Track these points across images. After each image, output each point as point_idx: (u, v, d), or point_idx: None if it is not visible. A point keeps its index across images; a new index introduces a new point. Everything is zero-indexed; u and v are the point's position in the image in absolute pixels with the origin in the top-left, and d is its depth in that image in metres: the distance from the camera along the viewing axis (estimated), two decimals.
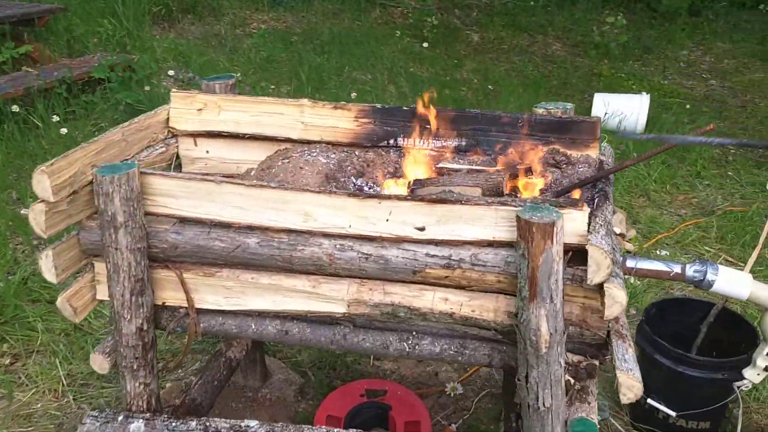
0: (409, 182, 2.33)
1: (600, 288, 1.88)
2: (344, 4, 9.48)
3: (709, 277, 2.11)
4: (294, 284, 2.20)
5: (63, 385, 3.20)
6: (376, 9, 9.63)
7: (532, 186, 2.25)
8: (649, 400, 2.88)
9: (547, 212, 1.87)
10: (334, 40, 8.37)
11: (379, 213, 2.05)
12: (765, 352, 2.22)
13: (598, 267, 1.82)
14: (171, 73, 6.62)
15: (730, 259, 4.31)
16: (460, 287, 2.09)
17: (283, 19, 9.00)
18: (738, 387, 2.41)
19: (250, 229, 2.17)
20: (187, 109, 2.64)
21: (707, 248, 4.46)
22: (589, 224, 1.92)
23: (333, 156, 2.54)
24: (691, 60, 9.45)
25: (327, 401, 2.96)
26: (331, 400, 2.96)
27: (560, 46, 9.36)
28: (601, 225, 1.93)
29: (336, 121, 2.56)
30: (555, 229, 1.83)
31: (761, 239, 2.49)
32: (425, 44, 8.61)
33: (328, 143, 2.59)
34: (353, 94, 6.68)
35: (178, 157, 2.71)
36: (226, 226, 2.18)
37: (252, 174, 2.62)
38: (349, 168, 2.53)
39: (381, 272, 2.11)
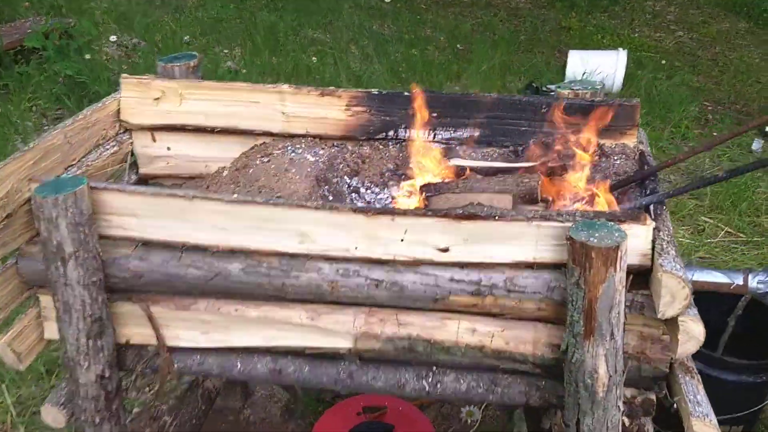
0: (420, 187, 1.95)
1: (670, 319, 1.56)
2: None
3: None
4: (288, 316, 1.82)
5: (12, 415, 2.77)
6: None
7: (569, 188, 1.90)
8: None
9: (606, 231, 1.52)
10: None
11: (393, 232, 1.68)
12: None
13: (672, 298, 1.49)
14: (113, 38, 6.02)
15: (731, 230, 4.08)
16: (490, 315, 1.75)
17: None
18: None
19: (233, 253, 1.77)
20: (141, 99, 2.19)
21: (704, 218, 4.22)
22: (653, 241, 1.58)
23: (322, 152, 2.14)
24: (656, 11, 9.17)
25: (321, 422, 2.61)
26: (325, 420, 2.62)
27: None
28: (668, 242, 1.59)
29: (324, 110, 2.15)
30: (619, 253, 1.49)
31: None
32: (387, 0, 8.11)
33: (315, 137, 2.18)
34: (313, 58, 6.19)
35: (132, 155, 2.26)
36: (202, 249, 1.78)
37: (224, 175, 2.20)
38: (342, 166, 2.13)
39: (395, 300, 1.75)
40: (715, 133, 5.50)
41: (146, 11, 6.80)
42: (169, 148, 2.25)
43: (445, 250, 1.67)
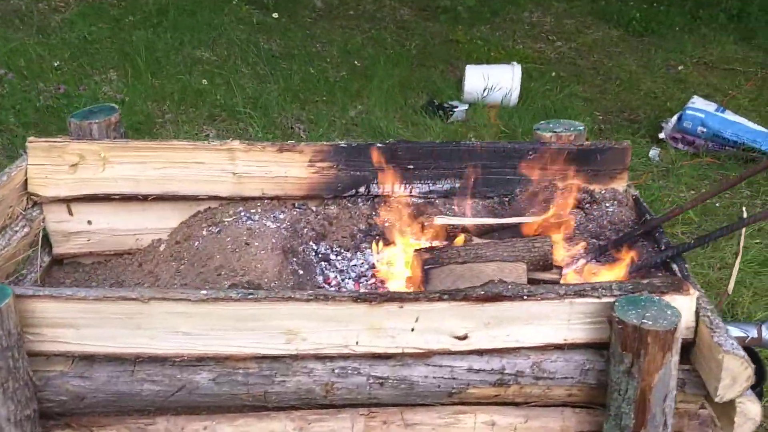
0: (414, 255, 1.68)
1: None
2: None
3: None
4: (270, 430, 1.50)
5: None
6: None
7: (572, 247, 1.71)
8: None
9: (656, 308, 1.33)
10: (162, 12, 7.26)
11: (401, 321, 1.41)
12: None
13: (733, 381, 1.32)
14: None
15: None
16: (512, 404, 1.52)
17: None
18: None
19: (200, 360, 1.44)
20: (54, 166, 1.79)
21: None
22: (697, 312, 1.41)
23: (282, 216, 1.83)
24: (534, 22, 9.35)
25: None
26: None
27: (409, 10, 8.86)
28: (711, 311, 1.43)
29: (283, 167, 1.84)
30: (677, 335, 1.30)
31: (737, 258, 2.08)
32: (275, 15, 7.74)
33: (272, 199, 1.86)
34: (204, 81, 5.75)
35: (44, 231, 1.86)
36: (160, 360, 1.43)
37: (162, 249, 1.85)
38: (306, 230, 1.84)
39: (401, 398, 1.49)
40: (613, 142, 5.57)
41: (5, 35, 6.07)
42: (89, 222, 1.86)
43: (464, 337, 1.43)
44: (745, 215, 1.73)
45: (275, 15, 7.65)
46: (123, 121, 1.92)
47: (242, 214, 1.81)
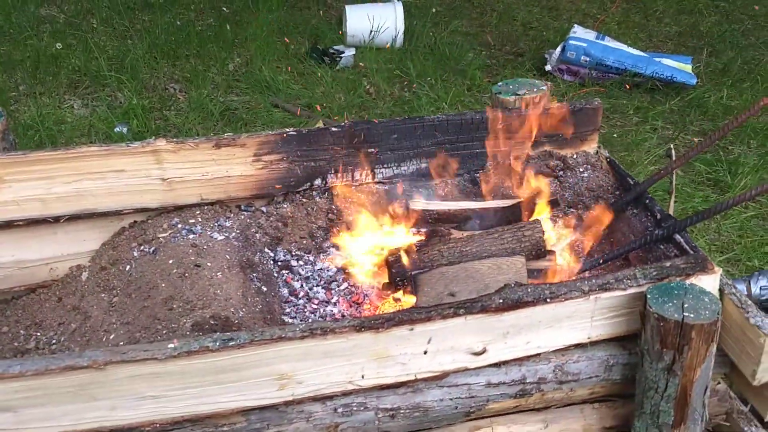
0: (390, 261, 1.46)
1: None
2: None
3: None
4: None
5: None
6: None
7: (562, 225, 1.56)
8: None
9: (692, 297, 1.21)
10: None
11: (412, 345, 1.22)
12: None
13: None
14: None
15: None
16: (531, 410, 1.38)
17: None
18: None
19: (173, 424, 1.18)
20: None
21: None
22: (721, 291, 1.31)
23: (228, 224, 1.55)
24: None
25: None
26: None
27: None
28: (734, 288, 1.33)
29: (222, 166, 1.55)
30: (718, 325, 1.19)
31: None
32: None
33: (213, 204, 1.57)
34: (58, 45, 5.09)
35: None
36: None
37: (85, 279, 1.53)
38: (258, 236, 1.57)
39: (414, 426, 1.30)
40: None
41: None
42: None
43: (482, 352, 1.25)
44: (673, 154, 1.66)
45: None
46: None
47: (179, 226, 1.52)
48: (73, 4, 6.11)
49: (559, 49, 5.39)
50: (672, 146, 1.59)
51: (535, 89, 1.75)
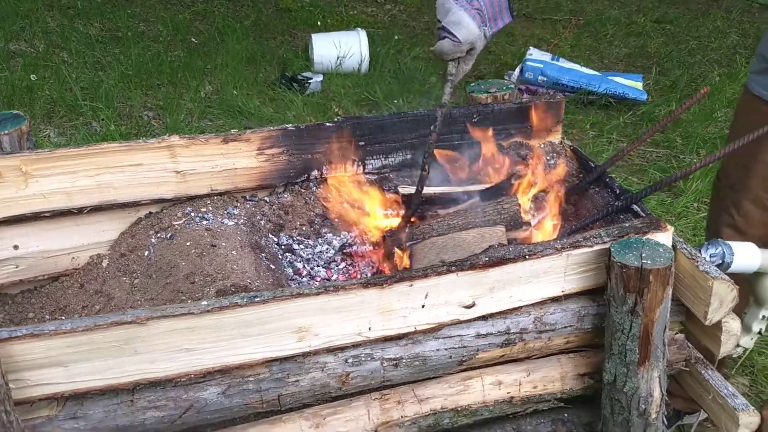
0: (387, 235, 1.65)
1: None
2: None
3: (727, 258, 1.87)
4: None
5: None
6: None
7: (546, 204, 1.76)
8: None
9: (648, 248, 1.41)
10: None
11: (412, 300, 1.39)
12: (760, 316, 2.10)
13: (721, 303, 1.44)
14: None
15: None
16: (513, 361, 1.56)
17: None
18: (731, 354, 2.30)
19: (205, 376, 1.33)
20: None
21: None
22: (674, 246, 1.52)
23: (237, 212, 1.72)
24: None
25: None
26: None
27: None
28: (684, 243, 1.54)
29: (230, 159, 1.72)
30: (672, 270, 1.40)
31: None
32: None
33: (222, 194, 1.74)
34: (33, 77, 5.21)
35: None
36: (161, 383, 1.31)
37: (105, 265, 1.68)
38: (263, 223, 1.74)
39: (414, 376, 1.48)
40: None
41: None
42: (16, 247, 1.64)
43: (472, 305, 1.44)
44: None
45: None
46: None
47: (192, 215, 1.68)
48: (42, 39, 6.24)
49: (517, 70, 5.67)
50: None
51: (504, 88, 1.96)
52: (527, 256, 1.42)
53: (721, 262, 1.79)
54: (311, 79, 5.42)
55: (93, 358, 1.25)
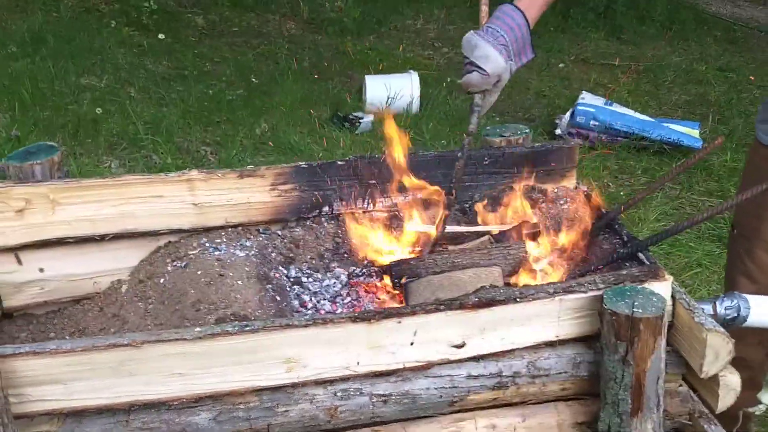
0: (389, 267, 1.70)
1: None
2: None
3: (743, 312, 1.82)
4: None
5: None
6: None
7: (548, 251, 1.77)
8: None
9: (642, 296, 1.41)
10: (38, 41, 6.89)
11: (401, 336, 1.42)
12: None
13: (716, 356, 1.42)
14: None
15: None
16: (509, 405, 1.56)
17: None
18: (752, 412, 2.22)
19: (197, 401, 1.39)
20: None
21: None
22: (673, 296, 1.50)
23: (249, 244, 1.79)
24: (418, 29, 9.56)
25: None
26: None
27: (294, 24, 8.84)
28: (684, 294, 1.52)
29: (245, 194, 1.80)
30: (665, 320, 1.38)
31: None
32: (161, 36, 7.51)
33: (236, 227, 1.82)
34: (98, 110, 5.51)
35: None
36: (155, 405, 1.37)
37: (124, 290, 1.76)
38: (274, 255, 1.81)
39: (404, 413, 1.49)
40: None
41: None
42: (41, 270, 1.75)
43: (461, 345, 1.46)
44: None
45: (161, 36, 7.44)
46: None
47: (207, 245, 1.76)
48: (112, 74, 6.59)
49: (568, 114, 5.65)
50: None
51: (518, 132, 1.99)
52: (518, 299, 1.44)
53: (736, 315, 1.75)
54: (362, 118, 5.55)
55: (91, 378, 1.32)
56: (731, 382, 1.47)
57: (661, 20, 8.92)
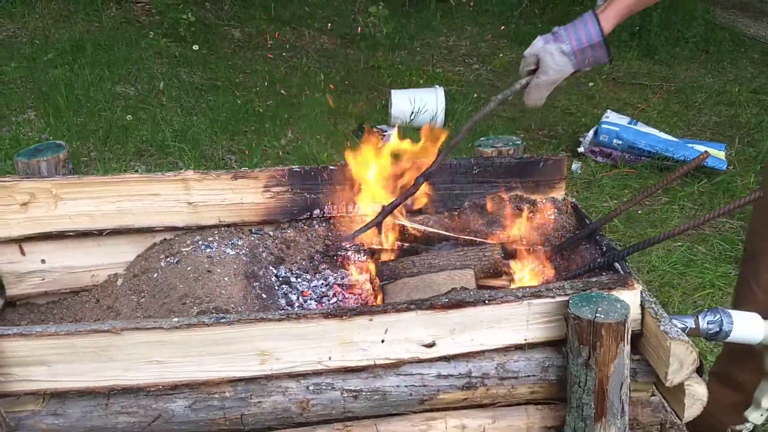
0: (375, 269, 1.75)
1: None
2: (75, 3, 8.13)
3: (725, 327, 1.83)
4: None
5: None
6: (111, 6, 8.42)
7: (526, 256, 1.81)
8: None
9: (606, 303, 1.44)
10: (77, 49, 7.14)
11: (371, 333, 1.47)
12: None
13: (681, 365, 1.44)
14: None
15: None
16: (479, 406, 1.59)
17: (2, 26, 7.50)
18: (739, 430, 2.22)
19: (175, 388, 1.45)
20: (4, 206, 1.77)
21: None
22: (642, 305, 1.53)
23: (240, 243, 1.86)
24: (450, 46, 9.63)
25: None
26: None
27: (328, 38, 8.99)
28: (654, 303, 1.54)
29: (238, 194, 1.87)
30: (627, 326, 1.41)
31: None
32: (195, 47, 7.71)
33: (228, 226, 1.89)
34: (128, 116, 5.68)
35: None
36: (134, 391, 1.44)
37: (119, 284, 1.85)
38: (265, 255, 1.87)
39: (375, 410, 1.54)
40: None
41: None
42: (43, 261, 1.84)
43: (431, 345, 1.50)
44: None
45: (195, 47, 7.63)
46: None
47: (200, 243, 1.83)
48: (146, 83, 6.78)
49: (592, 132, 5.65)
50: None
51: (510, 143, 2.03)
52: (486, 302, 1.48)
53: (718, 330, 1.77)
54: (386, 131, 5.62)
55: (74, 361, 1.40)
56: (697, 392, 1.49)
57: (696, 41, 8.83)
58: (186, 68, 7.34)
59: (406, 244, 1.81)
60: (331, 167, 1.89)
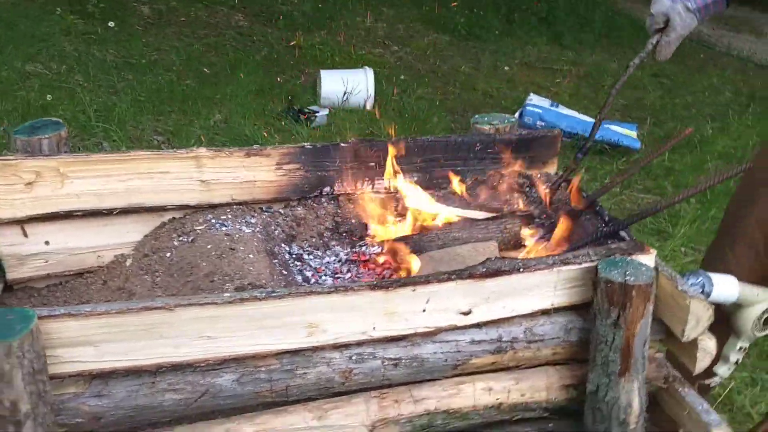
0: (387, 242, 1.79)
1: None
2: None
3: (707, 288, 2.00)
4: (290, 423, 1.55)
5: None
6: None
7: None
8: None
9: (632, 267, 1.55)
10: None
11: (414, 304, 1.52)
12: (738, 347, 2.22)
13: (697, 322, 1.57)
14: None
15: None
16: (504, 369, 1.68)
17: None
18: (709, 384, 2.41)
19: (222, 363, 1.45)
20: (7, 186, 1.68)
21: None
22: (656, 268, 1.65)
23: (254, 221, 1.86)
24: (368, 27, 9.64)
25: None
26: None
27: (243, 16, 8.79)
28: (666, 266, 1.67)
29: (251, 172, 1.86)
30: (653, 287, 1.53)
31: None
32: (111, 23, 7.35)
33: (240, 204, 1.88)
34: (49, 97, 5.38)
35: None
36: (181, 368, 1.43)
37: (128, 264, 1.80)
38: (277, 232, 1.88)
39: (411, 376, 1.59)
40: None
41: None
42: (47, 243, 1.76)
43: (468, 312, 1.56)
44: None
45: (111, 24, 7.29)
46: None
47: (213, 221, 1.81)
48: (58, 62, 6.43)
49: (517, 114, 5.86)
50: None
51: (505, 121, 2.12)
52: (521, 270, 1.56)
53: (701, 291, 1.92)
54: (317, 112, 5.60)
55: (122, 340, 1.37)
56: (708, 346, 1.63)
57: (599, 27, 9.27)
58: (98, 46, 7.01)
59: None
60: (342, 144, 1.91)
